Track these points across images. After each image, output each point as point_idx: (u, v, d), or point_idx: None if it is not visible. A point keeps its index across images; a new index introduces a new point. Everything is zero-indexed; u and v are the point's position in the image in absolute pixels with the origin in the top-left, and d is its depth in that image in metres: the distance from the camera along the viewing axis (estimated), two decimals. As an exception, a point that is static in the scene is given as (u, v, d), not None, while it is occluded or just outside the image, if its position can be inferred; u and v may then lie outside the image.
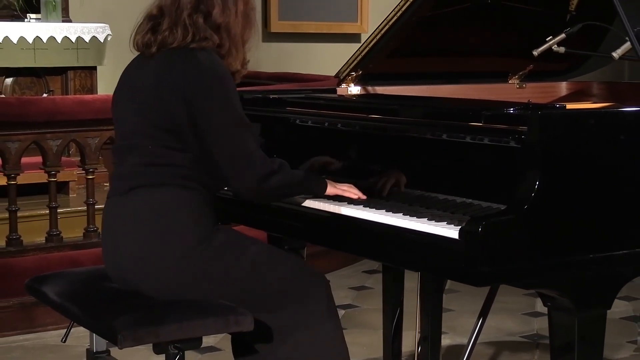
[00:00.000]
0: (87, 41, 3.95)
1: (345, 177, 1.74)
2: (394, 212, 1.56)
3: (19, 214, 2.97)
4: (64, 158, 3.19)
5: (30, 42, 3.82)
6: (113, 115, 1.73)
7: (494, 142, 1.51)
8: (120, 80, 1.73)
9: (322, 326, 1.66)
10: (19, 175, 2.96)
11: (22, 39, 3.79)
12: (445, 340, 2.49)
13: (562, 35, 1.99)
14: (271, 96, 2.02)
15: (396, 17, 1.98)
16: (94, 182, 3.06)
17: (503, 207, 1.44)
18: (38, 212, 3.20)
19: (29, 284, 1.79)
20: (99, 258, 1.75)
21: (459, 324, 2.89)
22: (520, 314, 3.05)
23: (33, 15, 3.98)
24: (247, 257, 1.65)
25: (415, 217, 1.51)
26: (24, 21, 3.95)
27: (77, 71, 3.99)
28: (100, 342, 1.75)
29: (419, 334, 2.01)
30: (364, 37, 4.78)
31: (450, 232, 1.42)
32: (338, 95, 2.12)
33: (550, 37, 2.01)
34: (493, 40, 2.20)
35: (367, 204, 1.63)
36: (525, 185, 1.42)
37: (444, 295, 2.08)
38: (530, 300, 3.15)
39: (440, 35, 2.14)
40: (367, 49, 2.03)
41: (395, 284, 2.14)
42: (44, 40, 3.84)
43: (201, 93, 1.60)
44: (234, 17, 1.67)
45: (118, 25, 3.84)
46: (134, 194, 1.63)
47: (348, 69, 2.09)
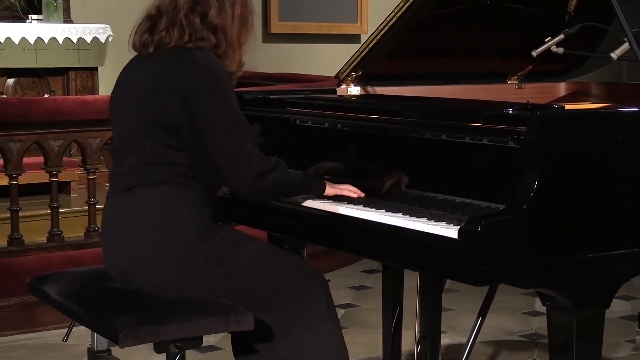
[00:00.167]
0: (89, 42, 3.95)
1: (345, 177, 1.75)
2: (394, 212, 1.57)
3: (21, 214, 2.98)
4: (65, 158, 3.20)
5: (32, 43, 3.83)
6: (110, 116, 1.74)
7: (493, 142, 1.51)
8: (118, 80, 1.73)
9: (321, 326, 1.66)
10: (20, 175, 2.96)
11: (23, 39, 3.80)
12: (444, 340, 2.49)
13: (561, 36, 1.99)
14: (271, 96, 2.02)
15: (396, 18, 1.98)
16: (95, 182, 3.07)
17: (502, 207, 1.44)
18: (39, 212, 3.21)
19: (30, 284, 1.79)
20: (100, 257, 1.75)
21: (458, 323, 2.90)
22: (519, 313, 3.06)
23: (34, 16, 3.99)
24: (247, 256, 1.65)
25: (415, 217, 1.52)
26: (25, 22, 3.95)
27: (78, 72, 4.00)
28: (101, 341, 1.76)
29: (419, 333, 2.02)
30: (363, 38, 4.79)
31: (450, 231, 1.43)
32: (338, 95, 2.12)
33: (549, 37, 2.01)
34: (492, 41, 2.20)
35: (366, 204, 1.64)
36: (524, 185, 1.43)
37: (443, 295, 2.08)
38: (529, 300, 3.15)
39: (439, 36, 2.13)
40: (367, 49, 2.04)
41: (395, 283, 2.14)
42: (46, 41, 3.85)
43: (198, 92, 1.60)
44: (230, 18, 1.68)
45: (119, 26, 3.85)
46: (133, 194, 1.64)
47: (348, 70, 2.09)
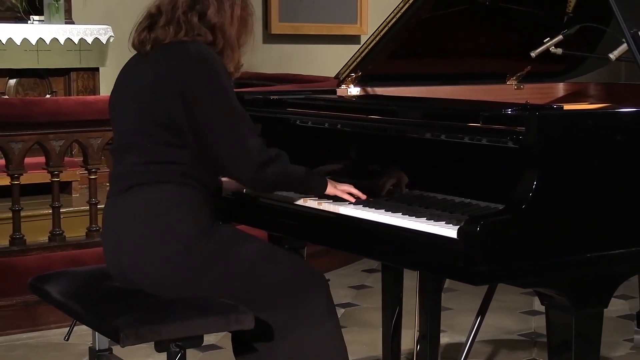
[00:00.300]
0: (90, 43, 3.96)
1: (345, 177, 1.75)
2: (393, 211, 1.57)
3: (22, 214, 2.99)
4: (66, 158, 3.20)
5: (34, 44, 3.84)
6: (110, 115, 1.74)
7: (492, 142, 1.52)
8: (117, 80, 1.74)
9: (321, 325, 1.67)
10: (22, 175, 2.97)
11: (25, 40, 3.81)
12: (443, 339, 2.49)
13: (560, 37, 2.00)
14: (272, 97, 2.02)
15: (395, 19, 1.98)
16: (96, 182, 3.08)
17: (501, 207, 1.45)
18: (41, 212, 3.22)
19: (32, 283, 1.80)
20: (102, 257, 1.75)
21: (457, 322, 2.90)
22: (518, 313, 3.06)
23: (36, 17, 4.00)
24: (247, 255, 1.66)
25: (414, 217, 1.52)
26: (27, 23, 3.96)
27: (79, 72, 4.01)
28: (102, 340, 1.76)
29: (418, 332, 2.02)
30: (363, 39, 4.80)
31: (449, 231, 1.43)
32: (338, 96, 2.12)
33: (548, 38, 2.02)
34: (491, 42, 2.20)
35: (366, 204, 1.64)
36: (523, 185, 1.43)
37: (442, 294, 2.09)
38: (527, 299, 3.15)
39: (439, 37, 2.14)
40: (367, 50, 2.04)
41: (395, 282, 2.15)
42: (47, 42, 3.86)
43: (194, 83, 1.61)
44: (229, 19, 1.68)
45: (120, 26, 3.85)
46: (133, 193, 1.64)
47: (348, 70, 2.09)
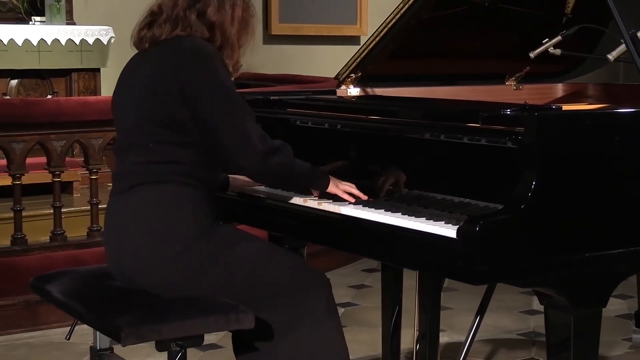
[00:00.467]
0: (91, 43, 3.97)
1: (344, 177, 1.75)
2: (393, 211, 1.57)
3: (24, 214, 3.00)
4: (67, 158, 3.21)
5: (35, 45, 3.84)
6: (113, 115, 1.75)
7: (491, 142, 1.52)
8: (119, 79, 1.75)
9: (321, 325, 1.67)
10: (23, 175, 2.98)
11: (26, 41, 3.81)
12: (443, 338, 2.49)
13: (558, 38, 2.00)
14: (272, 97, 2.02)
15: (395, 20, 1.98)
16: (97, 182, 3.09)
17: (500, 207, 1.45)
18: (42, 212, 3.23)
19: (33, 283, 1.80)
20: (103, 257, 1.76)
21: (456, 321, 2.91)
22: (517, 312, 3.07)
23: (37, 18, 4.00)
24: (247, 255, 1.66)
25: (414, 217, 1.52)
26: (28, 24, 3.96)
27: (80, 73, 4.01)
28: (103, 340, 1.77)
29: (418, 332, 2.02)
30: (363, 40, 4.80)
31: (448, 231, 1.44)
32: (338, 96, 2.12)
33: (547, 39, 2.01)
34: (490, 43, 2.21)
35: (366, 204, 1.64)
36: (522, 185, 1.43)
37: (442, 294, 2.09)
38: (526, 299, 3.16)
39: (438, 38, 2.14)
40: (366, 51, 2.04)
41: (394, 282, 2.15)
42: (49, 43, 3.86)
43: (190, 78, 1.61)
44: (230, 18, 1.69)
45: (121, 27, 3.86)
46: (135, 192, 1.65)
47: (347, 71, 2.10)
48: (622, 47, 1.85)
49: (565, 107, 1.59)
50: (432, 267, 1.55)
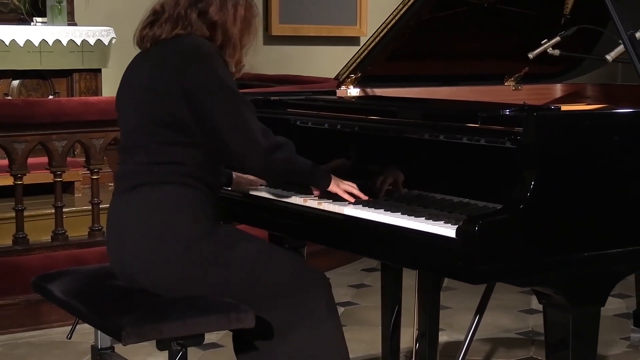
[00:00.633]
0: (92, 44, 3.98)
1: (344, 177, 1.75)
2: (393, 211, 1.57)
3: (26, 213, 3.00)
4: (69, 158, 3.22)
5: (37, 45, 3.85)
6: (117, 115, 1.76)
7: (490, 142, 1.53)
8: (122, 79, 1.75)
9: (322, 324, 1.67)
10: (25, 175, 2.98)
11: (28, 42, 3.82)
12: (442, 337, 2.50)
13: (557, 39, 2.01)
14: (272, 98, 2.03)
15: (394, 21, 1.99)
16: (98, 182, 3.10)
17: (499, 207, 1.45)
18: (44, 212, 3.24)
19: (35, 282, 1.81)
20: (104, 256, 1.77)
21: (456, 320, 2.91)
22: (515, 311, 3.07)
23: (39, 19, 4.01)
24: (247, 255, 1.66)
25: (414, 217, 1.53)
26: (30, 25, 3.97)
27: (82, 73, 4.02)
28: (104, 339, 1.78)
29: (417, 331, 2.03)
30: (363, 40, 4.80)
31: (448, 231, 1.44)
32: (337, 97, 2.13)
33: (546, 40, 2.03)
34: (489, 43, 2.21)
35: (366, 204, 1.65)
36: (521, 185, 1.44)
37: (441, 293, 2.10)
38: (525, 298, 3.16)
39: (437, 38, 2.14)
40: (366, 51, 2.05)
41: (394, 281, 2.15)
42: (50, 43, 3.87)
43: (191, 77, 1.61)
44: (232, 18, 1.69)
45: (122, 28, 3.88)
46: (137, 192, 1.65)
47: (347, 72, 2.10)
48: (620, 48, 1.86)
49: (564, 107, 1.60)
50: (431, 267, 1.55)
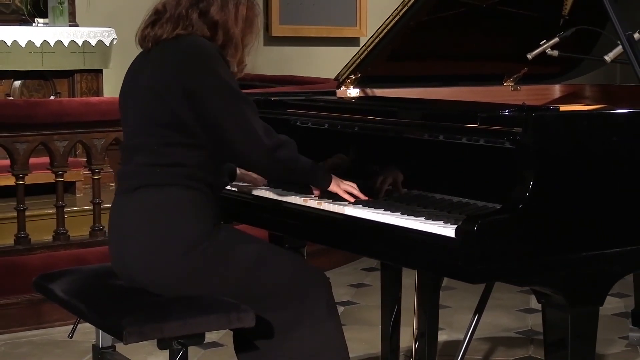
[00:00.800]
0: (93, 45, 3.98)
1: (344, 177, 1.75)
2: (392, 211, 1.58)
3: (27, 213, 3.01)
4: (70, 159, 3.22)
5: (38, 46, 3.85)
6: (120, 114, 1.76)
7: (490, 143, 1.53)
8: (124, 79, 1.76)
9: (322, 323, 1.68)
10: (27, 175, 2.99)
11: (30, 42, 3.83)
12: (442, 336, 2.51)
13: (556, 39, 2.01)
14: (272, 98, 2.03)
15: (394, 22, 1.99)
16: (100, 182, 3.10)
17: (498, 207, 1.46)
18: (45, 211, 3.24)
19: (36, 282, 1.81)
20: (105, 256, 1.78)
21: (455, 320, 2.92)
22: (514, 311, 3.08)
23: (41, 20, 4.02)
24: (247, 256, 1.67)
25: (413, 217, 1.53)
26: (32, 26, 3.98)
27: (83, 74, 4.02)
28: (106, 338, 1.79)
29: (417, 330, 2.03)
30: (362, 41, 4.82)
31: (447, 230, 1.44)
32: (337, 97, 2.13)
33: (544, 40, 2.03)
34: (489, 44, 2.22)
35: (365, 204, 1.65)
36: (520, 185, 1.44)
37: (440, 292, 2.10)
38: (524, 297, 3.17)
39: (437, 39, 2.15)
40: (366, 52, 2.05)
41: (394, 281, 2.15)
42: (52, 44, 3.88)
43: (191, 77, 1.61)
44: (233, 18, 1.69)
45: (123, 29, 3.89)
46: (139, 193, 1.66)
47: (347, 72, 2.10)
48: (618, 49, 1.86)
49: (563, 107, 1.60)
50: (431, 266, 1.56)
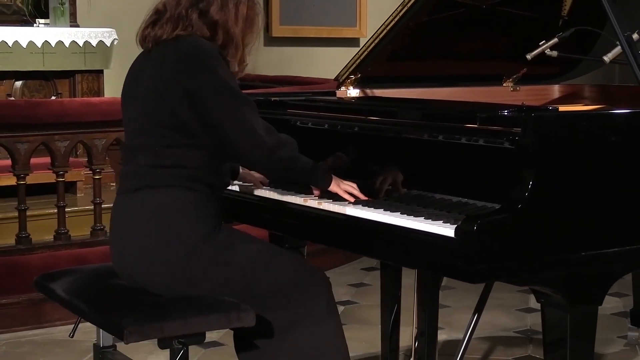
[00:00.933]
0: (94, 45, 3.98)
1: (344, 177, 1.76)
2: (392, 211, 1.58)
3: (28, 213, 3.02)
4: (71, 159, 3.23)
5: (39, 47, 3.86)
6: (122, 115, 1.76)
7: (489, 143, 1.53)
8: (125, 79, 1.76)
9: (322, 323, 1.68)
10: (28, 175, 3.00)
11: (31, 43, 3.83)
12: (441, 336, 2.51)
13: (555, 40, 2.02)
14: (272, 98, 2.03)
15: (394, 22, 2.00)
16: (100, 182, 3.11)
17: (497, 207, 1.46)
18: (46, 211, 3.24)
19: (37, 281, 1.82)
20: (106, 256, 1.78)
21: (454, 319, 2.92)
22: (514, 310, 3.08)
23: (42, 21, 4.02)
24: (247, 257, 1.67)
25: (413, 216, 1.53)
26: (33, 26, 3.98)
27: (84, 74, 4.03)
28: (106, 337, 1.79)
29: (416, 330, 2.03)
30: (362, 42, 4.83)
31: (447, 230, 1.44)
32: (337, 97, 2.13)
33: (544, 41, 2.03)
34: (488, 45, 2.22)
35: (365, 204, 1.65)
36: (519, 185, 1.44)
37: (440, 292, 2.10)
38: (523, 297, 3.17)
39: (436, 40, 2.15)
40: (366, 52, 2.05)
41: (393, 280, 2.16)
42: (53, 45, 3.88)
43: (191, 78, 1.61)
44: (233, 17, 1.68)
45: (124, 30, 3.89)
46: (141, 194, 1.66)
47: (347, 72, 2.11)
48: (617, 49, 1.87)
49: (562, 108, 1.61)
50: (430, 266, 1.56)
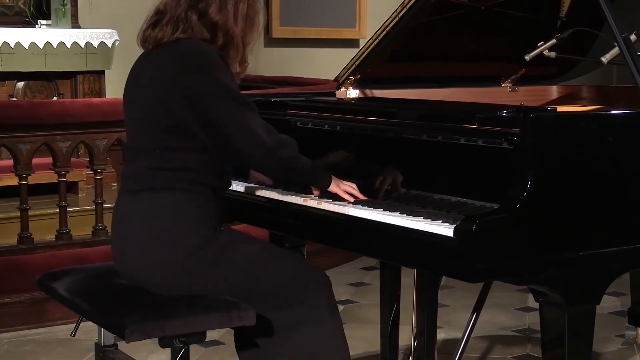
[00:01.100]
0: (96, 46, 3.99)
1: (344, 177, 1.76)
2: (391, 211, 1.59)
3: (30, 213, 3.02)
4: (73, 159, 3.23)
5: (41, 48, 3.87)
6: (124, 115, 1.76)
7: (488, 143, 1.54)
8: (127, 81, 1.76)
9: (323, 322, 1.68)
10: (30, 175, 3.00)
11: (33, 44, 3.84)
12: (440, 335, 2.51)
13: (553, 41, 2.02)
14: (272, 99, 2.03)
15: (393, 23, 2.00)
16: (102, 182, 3.11)
17: (496, 206, 1.47)
18: (48, 211, 3.25)
19: (39, 280, 1.82)
20: (107, 255, 1.78)
21: (453, 318, 2.93)
22: (512, 309, 3.08)
23: (44, 22, 4.03)
24: (247, 257, 1.67)
25: (412, 216, 1.54)
26: (35, 27, 3.99)
27: (86, 75, 4.03)
28: (108, 336, 1.80)
29: (415, 329, 2.03)
30: (362, 43, 4.83)
31: (446, 230, 1.45)
32: (337, 98, 2.14)
33: (542, 42, 2.03)
34: (487, 46, 2.23)
35: (365, 203, 1.66)
36: (518, 185, 1.45)
37: (439, 291, 2.10)
38: (522, 296, 3.18)
39: (435, 41, 2.16)
40: (365, 53, 2.06)
41: (393, 280, 2.17)
42: (54, 46, 3.89)
43: (191, 82, 1.61)
44: (232, 17, 1.67)
45: (125, 30, 3.90)
46: (142, 196, 1.66)
47: (347, 73, 2.11)
48: (615, 50, 1.87)
49: (560, 108, 1.62)
50: (429, 265, 1.57)
